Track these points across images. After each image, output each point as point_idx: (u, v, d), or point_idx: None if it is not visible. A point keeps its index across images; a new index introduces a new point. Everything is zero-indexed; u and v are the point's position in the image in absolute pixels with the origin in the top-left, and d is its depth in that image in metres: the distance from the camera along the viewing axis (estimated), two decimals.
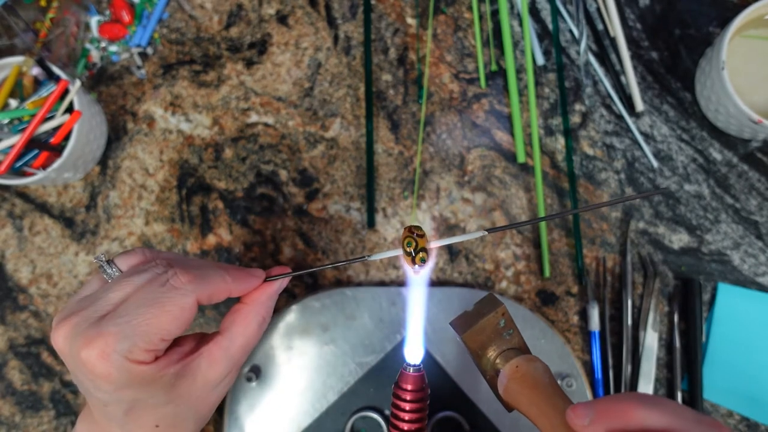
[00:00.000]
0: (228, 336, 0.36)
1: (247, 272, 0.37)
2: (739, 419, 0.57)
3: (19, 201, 0.62)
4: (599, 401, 0.28)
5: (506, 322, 0.36)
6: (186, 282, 0.33)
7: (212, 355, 0.35)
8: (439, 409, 0.54)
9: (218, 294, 0.35)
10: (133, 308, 0.32)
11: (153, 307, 0.32)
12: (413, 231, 0.35)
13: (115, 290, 0.33)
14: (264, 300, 0.37)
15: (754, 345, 0.57)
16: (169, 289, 0.33)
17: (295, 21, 0.64)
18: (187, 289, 0.33)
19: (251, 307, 0.37)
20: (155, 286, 0.33)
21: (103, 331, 0.31)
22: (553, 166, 0.61)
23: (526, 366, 0.34)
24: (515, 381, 0.34)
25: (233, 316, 0.37)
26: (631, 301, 0.58)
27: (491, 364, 0.36)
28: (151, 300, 0.32)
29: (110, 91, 0.63)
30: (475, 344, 0.36)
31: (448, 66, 0.62)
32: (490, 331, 0.36)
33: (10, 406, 0.60)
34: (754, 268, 0.58)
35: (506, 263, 0.60)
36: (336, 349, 0.56)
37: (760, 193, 0.59)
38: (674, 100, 0.61)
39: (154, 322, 0.32)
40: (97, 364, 0.31)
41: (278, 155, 0.62)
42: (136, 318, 0.32)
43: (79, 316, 0.32)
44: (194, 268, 0.35)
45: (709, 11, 0.62)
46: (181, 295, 0.33)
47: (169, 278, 0.33)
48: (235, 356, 0.36)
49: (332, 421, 0.55)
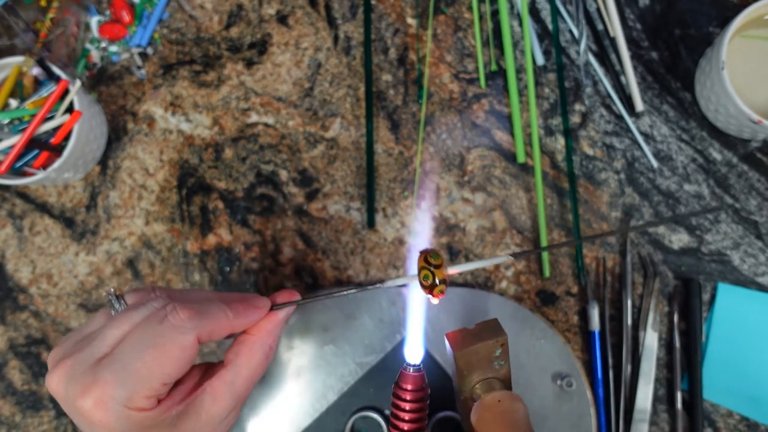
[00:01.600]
0: (233, 369, 0.34)
1: (251, 304, 0.35)
2: (739, 419, 0.57)
3: (19, 201, 0.62)
4: None
5: (502, 353, 0.36)
6: (185, 318, 0.31)
7: (216, 390, 0.33)
8: (439, 409, 0.54)
9: (220, 331, 0.33)
10: (130, 350, 0.30)
11: (152, 348, 0.30)
12: (429, 261, 0.33)
13: (112, 328, 0.31)
14: (270, 329, 0.35)
15: (754, 345, 0.57)
16: (168, 327, 0.31)
17: (295, 21, 0.64)
18: (186, 327, 0.31)
19: (257, 338, 0.35)
20: (153, 323, 0.31)
21: (99, 379, 0.29)
22: (553, 166, 0.61)
23: (509, 403, 0.34)
24: (493, 414, 0.33)
25: (238, 347, 0.35)
26: (631, 301, 0.58)
27: (471, 388, 0.36)
28: (150, 340, 0.30)
29: (110, 91, 0.63)
30: (464, 364, 0.36)
31: (448, 66, 0.62)
32: (483, 356, 0.35)
33: (10, 406, 0.60)
34: (754, 268, 0.58)
35: (506, 263, 0.60)
36: (336, 349, 0.56)
37: (760, 193, 0.59)
38: (674, 100, 0.61)
39: (153, 366, 0.30)
40: (95, 413, 0.29)
41: (278, 155, 0.62)
42: (135, 362, 0.30)
43: (74, 359, 0.31)
44: (194, 302, 0.33)
45: (709, 11, 0.62)
46: (180, 334, 0.31)
47: (168, 314, 0.31)
48: (240, 390, 0.34)
49: (332, 421, 0.55)
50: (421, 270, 0.33)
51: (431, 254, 0.33)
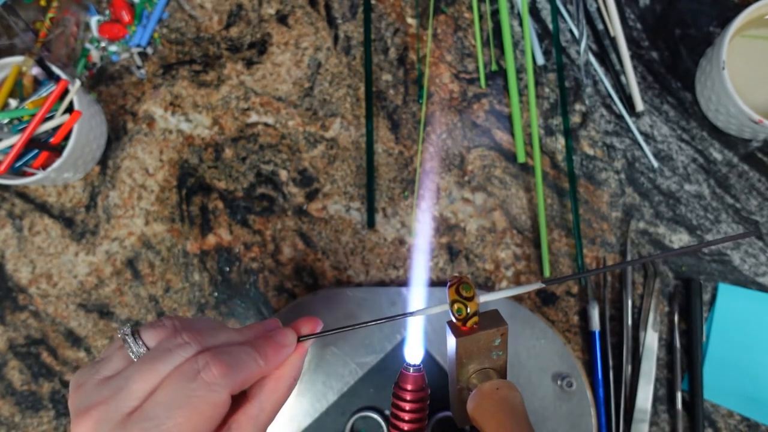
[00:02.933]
0: (257, 404, 0.33)
1: (279, 345, 0.34)
2: (739, 419, 0.57)
3: (19, 201, 0.62)
4: None
5: (501, 343, 0.36)
6: (219, 375, 0.30)
7: (242, 426, 0.33)
8: (439, 409, 0.54)
9: (251, 380, 0.33)
10: (162, 409, 0.29)
11: (183, 408, 0.29)
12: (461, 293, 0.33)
13: (139, 380, 0.30)
14: (295, 363, 0.35)
15: (754, 345, 0.57)
16: (201, 386, 0.30)
17: (295, 21, 0.64)
18: (219, 384, 0.30)
19: (281, 372, 0.35)
20: (185, 380, 0.30)
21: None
22: (553, 166, 0.61)
23: (506, 391, 0.34)
24: (492, 401, 0.34)
25: (262, 381, 0.34)
26: (631, 301, 0.58)
27: (467, 378, 0.36)
28: (182, 400, 0.30)
29: (110, 91, 0.63)
30: (464, 352, 0.36)
31: (448, 66, 0.62)
32: (483, 344, 0.36)
33: (10, 406, 0.60)
34: (755, 268, 0.58)
35: (506, 263, 0.59)
36: (336, 349, 0.56)
37: (761, 193, 0.59)
38: (674, 100, 0.61)
39: (186, 425, 0.29)
40: None
41: (278, 155, 0.62)
42: (166, 422, 0.29)
43: (101, 411, 0.30)
44: (226, 352, 0.32)
45: (710, 11, 0.62)
46: (213, 392, 0.30)
47: (201, 370, 0.30)
48: (264, 423, 0.34)
49: (332, 421, 0.55)
50: (453, 303, 0.33)
51: (463, 286, 0.33)
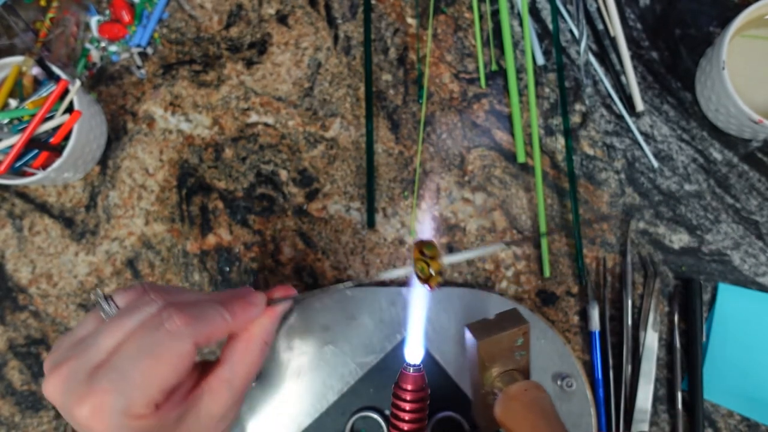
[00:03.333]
0: (229, 367, 0.34)
1: (247, 303, 0.35)
2: (739, 419, 0.57)
3: (18, 201, 0.62)
4: None
5: (523, 342, 0.35)
6: (182, 325, 0.31)
7: (214, 389, 0.33)
8: (439, 409, 0.54)
9: (217, 335, 0.33)
10: (127, 359, 0.30)
11: (149, 357, 0.30)
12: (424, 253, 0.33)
13: (106, 336, 0.31)
14: (266, 325, 0.35)
15: (754, 345, 0.57)
16: (164, 335, 0.30)
17: (295, 21, 0.64)
18: (183, 334, 0.31)
19: (252, 335, 0.35)
20: (149, 330, 0.30)
21: (96, 388, 0.29)
22: (553, 166, 0.61)
23: (535, 392, 0.34)
24: (521, 403, 0.33)
25: (234, 344, 0.35)
26: (631, 301, 0.58)
27: (491, 381, 0.36)
28: (146, 349, 0.30)
29: (110, 91, 0.63)
30: (486, 354, 0.35)
31: (448, 66, 0.62)
32: (505, 345, 0.35)
33: (10, 406, 0.60)
34: (755, 268, 0.58)
35: (506, 263, 0.59)
36: (336, 350, 0.56)
37: (761, 193, 0.59)
38: (674, 100, 0.61)
39: (151, 374, 0.30)
40: (93, 422, 0.29)
41: (278, 155, 0.62)
42: (132, 371, 0.29)
43: (69, 367, 0.30)
44: (191, 305, 0.32)
45: (710, 11, 0.62)
46: (177, 341, 0.31)
47: (164, 321, 0.31)
48: (238, 387, 0.34)
49: (332, 421, 0.55)
50: (416, 261, 0.33)
51: (426, 246, 0.33)
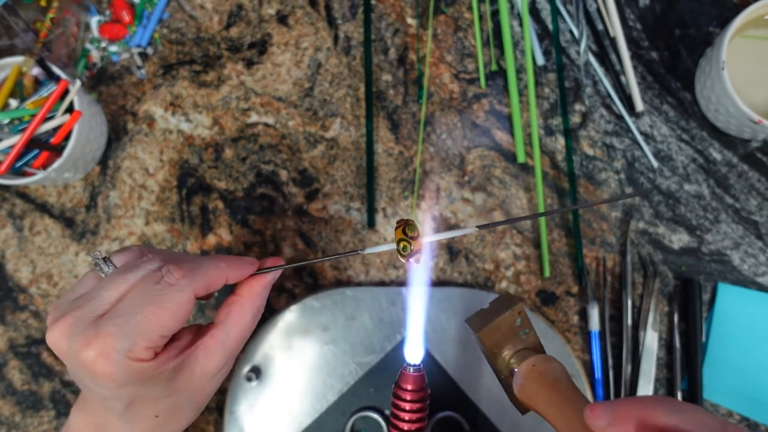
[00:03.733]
0: (223, 328, 0.36)
1: (241, 259, 0.37)
2: (739, 419, 0.57)
3: (19, 201, 0.62)
4: (620, 403, 0.28)
5: (522, 321, 0.36)
6: (180, 277, 0.33)
7: (209, 347, 0.35)
8: (439, 409, 0.54)
9: (214, 283, 0.35)
10: (130, 307, 0.32)
11: (151, 305, 0.32)
12: (407, 232, 0.35)
13: (109, 288, 0.33)
14: (259, 291, 0.38)
15: (754, 345, 0.57)
16: (165, 286, 0.33)
17: (295, 21, 0.64)
18: (182, 284, 0.33)
19: (246, 299, 0.37)
20: (150, 283, 0.33)
21: (101, 331, 0.31)
22: (553, 166, 0.61)
23: (543, 365, 0.34)
24: (532, 380, 0.33)
25: (228, 308, 0.37)
26: (631, 301, 0.58)
27: (506, 364, 0.36)
28: (148, 298, 0.32)
29: (110, 91, 0.63)
30: (490, 342, 0.36)
31: (448, 66, 0.62)
32: (506, 329, 0.35)
33: (10, 406, 0.60)
34: (754, 268, 0.58)
35: (506, 263, 0.60)
36: (336, 349, 0.56)
37: (760, 193, 0.59)
38: (674, 100, 0.61)
39: (153, 320, 0.32)
40: (98, 364, 0.31)
41: (278, 155, 0.62)
42: (135, 317, 0.32)
43: (74, 316, 0.32)
44: (188, 260, 0.35)
45: (709, 11, 0.62)
46: (177, 291, 0.33)
47: (164, 275, 0.33)
48: (231, 348, 0.36)
49: (332, 421, 0.55)
50: (399, 241, 0.35)
51: (409, 227, 0.35)
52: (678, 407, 0.27)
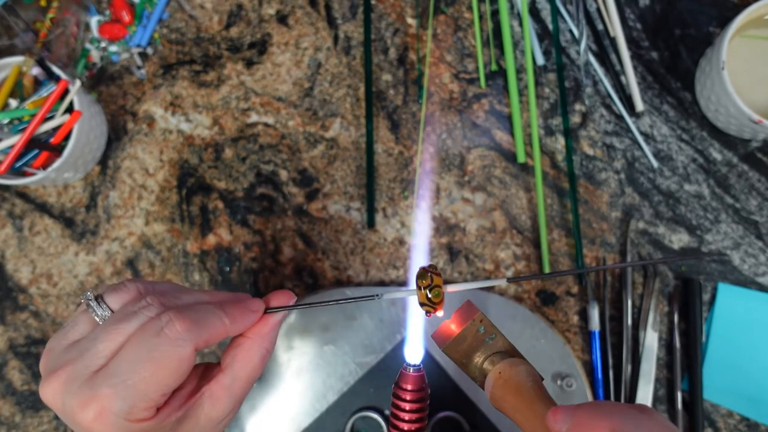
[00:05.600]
0: (230, 373, 0.34)
1: (245, 307, 0.35)
2: (739, 419, 0.57)
3: (19, 201, 0.62)
4: (581, 409, 0.28)
5: (486, 328, 0.35)
6: (182, 331, 0.31)
7: (214, 394, 0.33)
8: (439, 409, 0.54)
9: (216, 338, 0.33)
10: (127, 364, 0.30)
11: (149, 362, 0.30)
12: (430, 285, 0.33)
13: (105, 340, 0.31)
14: (267, 332, 0.35)
15: (754, 345, 0.57)
16: (165, 341, 0.30)
17: (295, 21, 0.64)
18: (183, 339, 0.31)
19: (253, 342, 0.35)
20: (149, 336, 0.30)
21: (97, 393, 0.29)
22: (553, 166, 0.61)
23: (509, 371, 0.34)
24: (498, 387, 0.33)
25: (235, 351, 0.35)
26: (631, 301, 0.58)
27: (480, 370, 0.36)
28: (146, 354, 0.30)
29: (110, 91, 0.63)
30: (458, 354, 0.36)
31: (448, 66, 0.62)
32: (471, 339, 0.35)
33: (10, 406, 0.60)
34: (754, 268, 0.58)
35: (506, 263, 0.60)
36: (336, 349, 0.56)
37: (760, 193, 0.59)
38: (674, 100, 0.61)
39: (152, 379, 0.30)
40: (95, 426, 0.29)
41: (278, 155, 0.62)
42: (133, 376, 0.30)
43: (68, 372, 0.30)
44: (190, 309, 0.33)
45: (709, 11, 0.62)
46: (178, 347, 0.31)
47: (164, 326, 0.31)
48: (239, 393, 0.34)
49: (332, 421, 0.55)
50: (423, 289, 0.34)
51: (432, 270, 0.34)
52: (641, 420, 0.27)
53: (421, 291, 0.34)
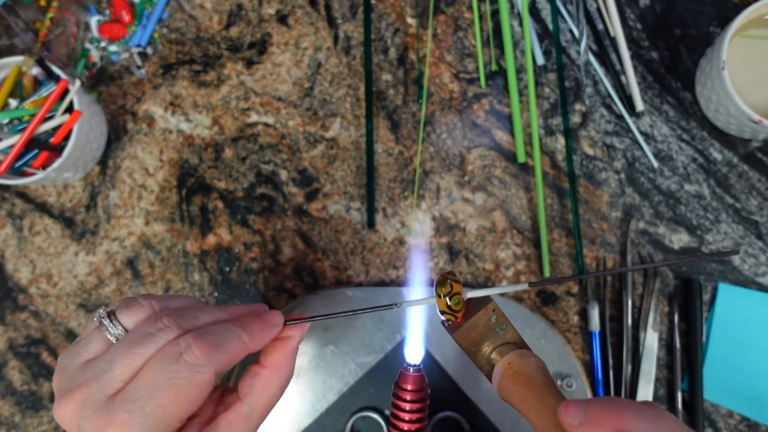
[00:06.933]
0: (248, 403, 0.33)
1: (265, 323, 0.34)
2: (739, 419, 0.57)
3: (19, 201, 0.62)
4: (594, 403, 0.28)
5: (498, 318, 0.35)
6: (201, 356, 0.30)
7: (232, 423, 0.33)
8: (439, 409, 0.54)
9: (236, 359, 0.32)
10: (145, 391, 0.29)
11: (168, 389, 0.29)
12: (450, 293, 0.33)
13: (121, 365, 0.30)
14: (285, 362, 0.35)
15: (754, 345, 0.57)
16: (184, 367, 0.30)
17: (295, 21, 0.64)
18: (203, 365, 0.30)
19: (272, 372, 0.34)
20: (168, 362, 0.30)
21: (114, 418, 0.29)
22: (553, 166, 0.61)
23: (518, 362, 0.34)
24: (507, 378, 0.33)
25: (253, 381, 0.34)
26: (631, 301, 0.58)
27: (487, 360, 0.36)
28: (165, 381, 0.29)
29: (110, 91, 0.63)
30: (467, 342, 0.36)
31: (448, 66, 0.62)
32: (482, 327, 0.35)
33: (10, 406, 0.60)
34: (754, 268, 0.58)
35: (506, 263, 0.59)
36: (336, 349, 0.56)
37: (761, 193, 0.59)
38: (674, 100, 0.61)
39: (170, 406, 0.29)
40: None
41: (278, 155, 0.62)
42: (150, 403, 0.29)
43: (84, 394, 0.30)
44: (209, 332, 0.32)
45: (710, 11, 0.62)
46: (197, 373, 0.30)
47: (183, 352, 0.30)
48: (254, 423, 0.34)
49: (332, 421, 0.55)
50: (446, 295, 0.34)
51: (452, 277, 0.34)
52: (653, 416, 0.27)
53: (441, 299, 0.34)
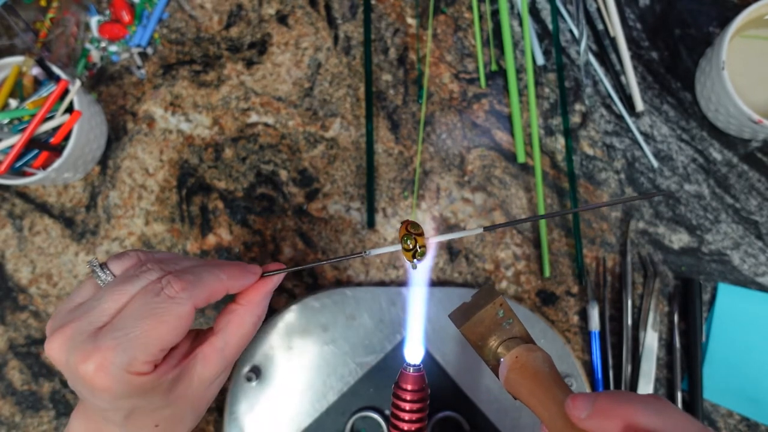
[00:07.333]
0: (222, 337, 0.36)
1: (243, 268, 0.37)
2: (739, 419, 0.57)
3: (19, 201, 0.62)
4: (601, 396, 0.28)
5: (505, 312, 0.36)
6: (180, 290, 0.33)
7: (207, 356, 0.35)
8: (439, 409, 0.54)
9: (215, 295, 0.35)
10: (129, 320, 0.32)
11: (150, 318, 0.32)
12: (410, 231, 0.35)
13: (108, 300, 0.33)
14: (259, 300, 0.37)
15: (754, 345, 0.57)
16: (165, 299, 0.32)
17: (295, 21, 0.64)
18: (182, 297, 0.33)
19: (246, 308, 0.37)
20: (150, 295, 0.32)
21: (100, 345, 0.31)
22: (553, 166, 0.61)
23: (525, 356, 0.34)
24: (515, 371, 0.34)
25: (228, 317, 0.36)
26: (631, 301, 0.58)
27: (493, 354, 0.36)
28: (148, 311, 0.32)
29: (110, 91, 0.63)
30: (474, 336, 0.36)
31: (448, 66, 0.62)
32: (489, 321, 0.35)
33: (10, 406, 0.60)
34: (754, 268, 0.58)
35: (506, 263, 0.60)
36: (336, 349, 0.56)
37: (760, 193, 0.59)
38: (674, 100, 0.61)
39: (152, 334, 0.32)
40: (96, 378, 0.31)
41: (278, 155, 0.62)
42: (134, 330, 0.31)
43: (73, 328, 0.32)
44: (188, 272, 0.34)
45: (709, 11, 0.62)
46: (177, 304, 0.32)
47: (164, 287, 0.33)
48: (229, 356, 0.36)
49: (332, 421, 0.55)
50: (402, 237, 0.35)
51: (412, 225, 0.35)
52: (661, 409, 0.27)
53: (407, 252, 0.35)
